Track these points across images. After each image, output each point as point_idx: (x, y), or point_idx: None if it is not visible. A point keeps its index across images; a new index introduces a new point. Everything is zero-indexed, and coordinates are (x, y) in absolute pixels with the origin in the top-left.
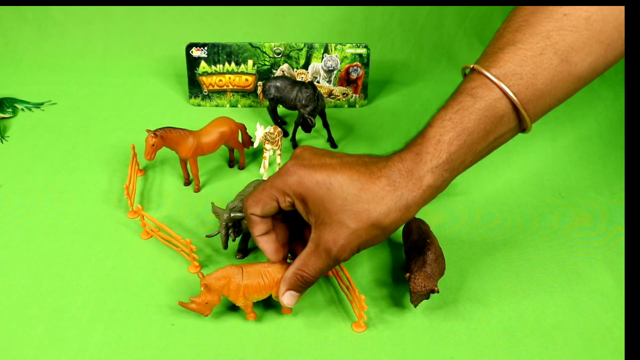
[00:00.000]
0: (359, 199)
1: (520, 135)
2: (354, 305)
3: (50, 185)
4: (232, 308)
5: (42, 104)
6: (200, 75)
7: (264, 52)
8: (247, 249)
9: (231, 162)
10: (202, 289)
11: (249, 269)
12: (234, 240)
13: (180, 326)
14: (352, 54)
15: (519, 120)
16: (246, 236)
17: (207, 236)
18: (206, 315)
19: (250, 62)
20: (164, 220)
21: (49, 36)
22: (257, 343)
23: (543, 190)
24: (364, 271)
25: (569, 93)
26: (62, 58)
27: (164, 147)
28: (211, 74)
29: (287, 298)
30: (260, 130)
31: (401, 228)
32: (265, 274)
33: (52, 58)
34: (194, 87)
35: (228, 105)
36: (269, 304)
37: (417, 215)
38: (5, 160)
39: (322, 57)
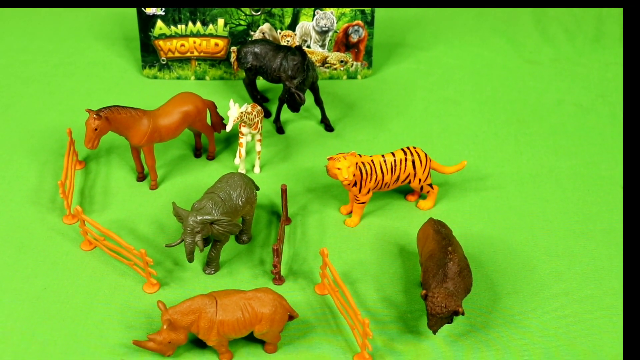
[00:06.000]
0: None
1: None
2: (355, 332)
3: None
4: (201, 344)
5: None
6: (156, 38)
7: (239, 9)
8: (218, 262)
9: (197, 151)
10: (163, 325)
11: (225, 300)
12: (201, 250)
13: None
14: (352, 10)
15: None
16: (217, 245)
17: (167, 246)
18: (168, 356)
19: (220, 21)
20: (112, 225)
21: None
22: None
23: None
24: (368, 287)
25: None
26: None
27: (110, 131)
28: (171, 37)
29: None
30: (235, 110)
31: (415, 232)
32: (246, 307)
33: None
34: (149, 54)
35: (193, 78)
36: (249, 338)
37: (436, 215)
38: None
39: (314, 15)
